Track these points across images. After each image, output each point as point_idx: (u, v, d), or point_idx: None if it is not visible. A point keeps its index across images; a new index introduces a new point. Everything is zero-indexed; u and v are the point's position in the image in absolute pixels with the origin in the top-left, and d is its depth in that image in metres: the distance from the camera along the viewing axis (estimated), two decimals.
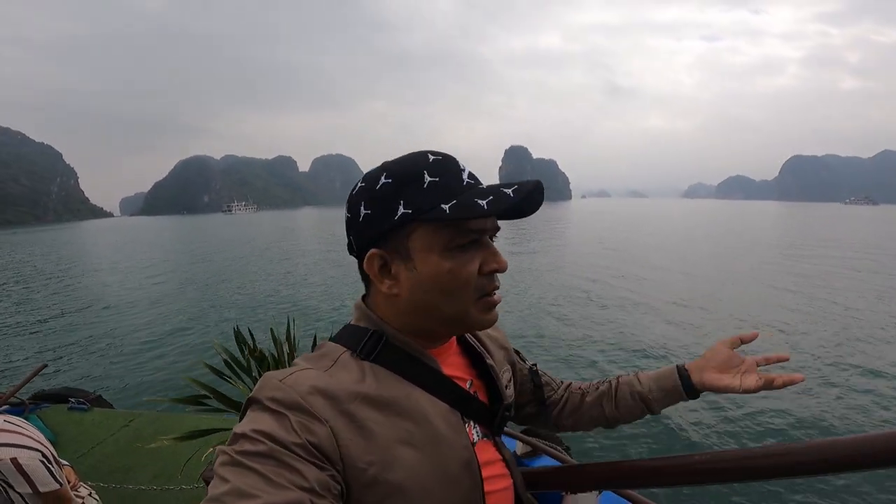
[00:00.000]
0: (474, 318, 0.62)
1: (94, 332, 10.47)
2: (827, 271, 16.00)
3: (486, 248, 0.61)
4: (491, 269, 0.61)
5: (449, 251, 0.58)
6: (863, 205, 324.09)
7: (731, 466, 0.65)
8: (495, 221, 0.63)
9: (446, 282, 0.59)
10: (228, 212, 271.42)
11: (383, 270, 0.62)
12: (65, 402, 3.83)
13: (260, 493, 0.45)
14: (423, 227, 0.58)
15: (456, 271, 0.59)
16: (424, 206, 0.57)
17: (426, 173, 0.59)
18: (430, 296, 0.60)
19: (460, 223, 0.58)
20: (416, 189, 0.58)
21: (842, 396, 5.97)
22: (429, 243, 0.59)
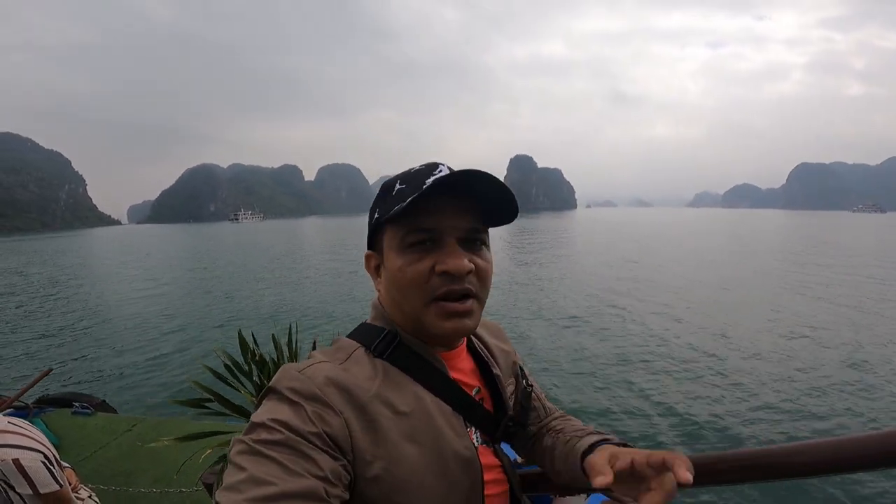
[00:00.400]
0: (430, 322, 0.62)
1: (100, 338, 10.53)
2: (839, 280, 15.87)
3: (443, 248, 0.61)
4: (440, 270, 0.60)
5: (402, 249, 0.62)
6: (871, 212, 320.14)
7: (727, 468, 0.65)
8: (462, 222, 0.62)
9: (398, 279, 0.62)
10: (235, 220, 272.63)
11: (377, 270, 0.69)
12: (69, 407, 3.88)
13: (276, 480, 0.47)
14: (389, 228, 0.64)
15: (404, 268, 0.61)
16: (387, 209, 0.63)
17: (398, 182, 0.65)
18: (393, 293, 0.64)
19: (413, 222, 0.61)
20: (388, 197, 0.64)
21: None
22: (390, 242, 0.64)
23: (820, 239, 36.10)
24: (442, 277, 0.60)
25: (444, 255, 0.60)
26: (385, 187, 0.67)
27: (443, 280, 0.60)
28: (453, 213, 0.62)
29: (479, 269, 0.63)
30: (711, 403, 5.94)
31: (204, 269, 24.48)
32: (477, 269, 0.63)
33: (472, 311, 0.63)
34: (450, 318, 0.62)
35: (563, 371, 7.32)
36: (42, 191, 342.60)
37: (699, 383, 6.63)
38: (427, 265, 0.61)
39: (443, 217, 0.61)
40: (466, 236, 0.63)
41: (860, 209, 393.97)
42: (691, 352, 8.10)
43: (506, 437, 0.73)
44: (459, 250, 0.61)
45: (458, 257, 0.60)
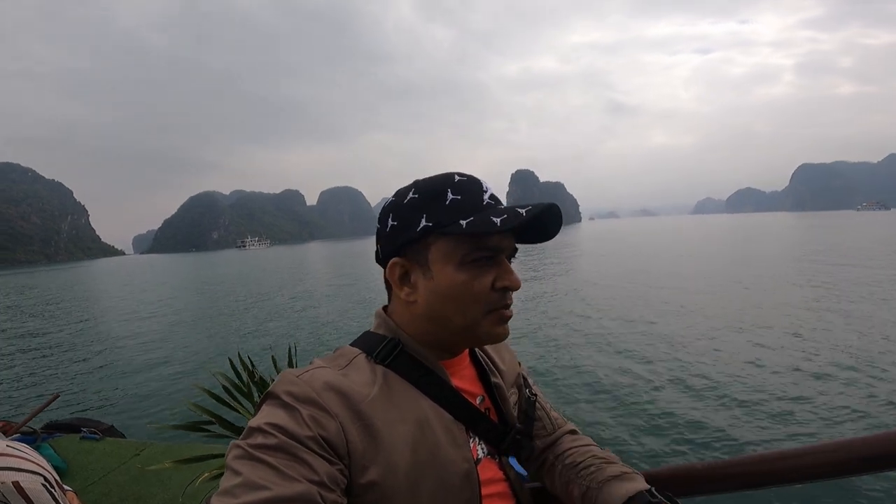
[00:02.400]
0: (485, 330, 0.64)
1: (107, 364, 10.63)
2: (842, 279, 15.88)
3: (501, 265, 0.64)
4: (503, 286, 0.63)
5: (464, 264, 0.62)
6: (875, 210, 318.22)
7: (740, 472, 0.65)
8: (512, 242, 0.66)
9: (459, 293, 0.62)
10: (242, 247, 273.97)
11: (403, 279, 0.66)
12: (77, 432, 3.96)
13: (271, 485, 0.47)
14: (442, 239, 0.63)
15: (469, 283, 0.62)
16: (444, 220, 0.62)
17: (450, 191, 0.63)
18: (444, 305, 0.63)
19: (477, 239, 0.62)
20: (439, 205, 0.63)
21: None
22: (446, 255, 0.63)
23: (828, 242, 35.94)
24: (500, 293, 0.64)
25: (504, 273, 0.64)
26: (431, 192, 0.64)
27: (501, 295, 0.64)
28: (508, 233, 0.65)
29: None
30: (720, 411, 5.98)
31: (211, 297, 24.63)
32: None
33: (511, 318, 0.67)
34: (503, 324, 0.65)
35: (576, 383, 7.37)
36: (44, 222, 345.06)
37: (713, 394, 6.67)
38: (489, 280, 0.63)
39: (502, 237, 0.64)
40: (511, 255, 0.67)
41: (864, 207, 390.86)
42: (710, 365, 8.15)
43: (513, 450, 0.71)
44: (511, 268, 0.65)
45: (514, 274, 0.64)
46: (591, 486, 0.70)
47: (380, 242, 0.69)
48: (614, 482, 0.67)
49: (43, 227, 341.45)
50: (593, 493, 0.69)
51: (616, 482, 0.67)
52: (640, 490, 0.65)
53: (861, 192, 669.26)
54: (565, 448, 0.80)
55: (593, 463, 0.73)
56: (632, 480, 0.67)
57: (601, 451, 0.78)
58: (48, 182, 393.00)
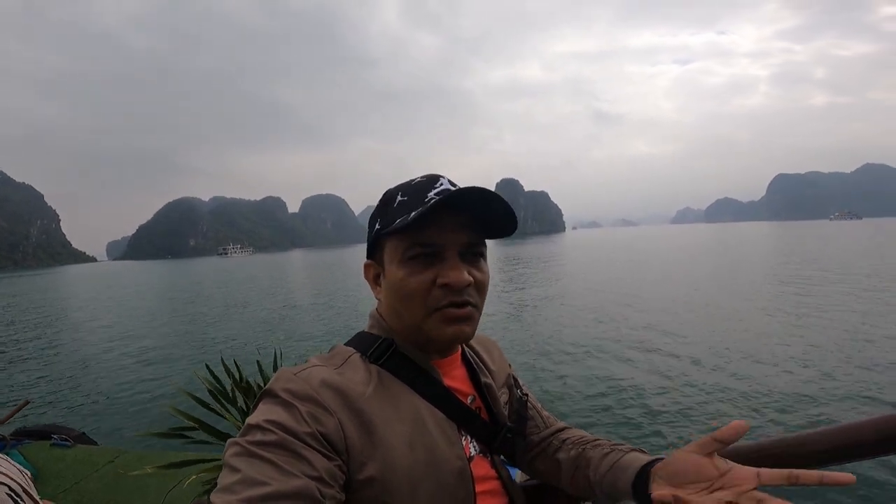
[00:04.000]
0: (431, 328, 0.64)
1: (79, 371, 10.31)
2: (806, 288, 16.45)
3: (445, 262, 0.63)
4: (443, 282, 0.62)
5: (404, 262, 0.63)
6: (847, 220, 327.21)
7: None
8: (462, 237, 0.64)
9: (399, 289, 0.64)
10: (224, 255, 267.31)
11: (376, 280, 0.70)
12: (48, 439, 3.83)
13: (270, 480, 0.47)
14: (389, 239, 0.65)
15: (407, 280, 0.63)
16: (388, 222, 0.65)
17: (400, 194, 0.66)
18: (394, 302, 0.66)
19: (414, 235, 0.62)
20: (389, 208, 0.66)
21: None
22: (391, 254, 0.65)
23: (801, 250, 37.20)
24: (443, 290, 0.62)
25: (446, 269, 0.62)
26: (386, 198, 0.68)
27: (444, 292, 0.62)
28: (454, 227, 0.63)
29: (477, 282, 0.65)
30: (701, 409, 6.11)
31: (188, 305, 24.04)
32: (475, 281, 0.65)
33: (471, 317, 0.65)
34: (451, 323, 0.63)
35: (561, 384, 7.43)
36: (12, 226, 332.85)
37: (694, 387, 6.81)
38: (429, 277, 0.62)
39: (444, 231, 0.63)
40: (466, 250, 0.65)
41: (837, 217, 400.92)
42: (695, 364, 8.31)
43: (504, 448, 0.72)
44: (460, 263, 0.63)
45: (458, 271, 0.62)
46: (607, 453, 0.70)
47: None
48: (635, 453, 0.68)
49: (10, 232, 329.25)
50: (614, 456, 0.68)
51: (636, 453, 0.68)
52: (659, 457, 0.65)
53: (834, 202, 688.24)
54: (568, 436, 0.81)
55: (602, 441, 0.75)
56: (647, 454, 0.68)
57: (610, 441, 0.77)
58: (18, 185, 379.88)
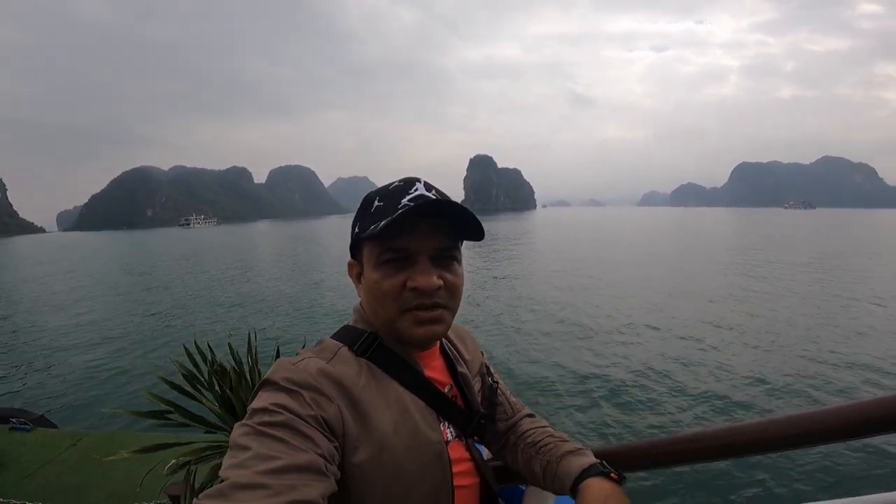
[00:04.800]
0: (403, 328, 0.68)
1: (34, 352, 9.91)
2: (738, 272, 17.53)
3: (416, 266, 0.66)
4: (412, 286, 0.66)
5: (378, 265, 0.67)
6: (800, 209, 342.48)
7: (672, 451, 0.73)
8: (433, 242, 0.67)
9: (373, 291, 0.68)
10: (186, 226, 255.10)
11: (358, 279, 0.74)
12: (6, 423, 3.70)
13: (281, 455, 0.51)
14: (367, 243, 0.69)
15: (380, 283, 0.67)
16: (365, 226, 0.69)
17: (377, 199, 0.70)
18: (370, 302, 0.71)
19: (387, 241, 0.66)
20: (368, 213, 0.70)
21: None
22: (367, 257, 0.70)
23: (751, 234, 39.31)
24: (413, 292, 0.66)
25: (416, 273, 0.65)
26: (365, 202, 0.72)
27: (414, 295, 0.66)
28: (426, 232, 0.67)
29: (448, 285, 0.68)
30: (658, 394, 6.47)
31: (142, 280, 23.10)
32: (446, 284, 0.68)
33: (441, 319, 0.68)
34: (421, 325, 0.67)
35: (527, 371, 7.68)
36: None
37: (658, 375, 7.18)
38: (400, 281, 0.66)
39: (415, 237, 0.66)
40: (437, 254, 0.68)
41: (791, 206, 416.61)
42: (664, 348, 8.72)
43: (477, 432, 0.78)
44: (430, 268, 0.66)
45: (428, 275, 0.65)
46: (550, 460, 0.76)
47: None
48: (570, 457, 0.74)
49: None
50: (553, 466, 0.75)
51: (572, 457, 0.74)
52: (593, 462, 0.72)
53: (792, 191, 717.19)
54: (525, 429, 0.86)
55: (550, 441, 0.80)
56: (584, 455, 0.74)
57: (556, 432, 0.84)
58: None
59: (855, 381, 6.94)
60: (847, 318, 10.93)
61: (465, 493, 0.73)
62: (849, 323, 10.42)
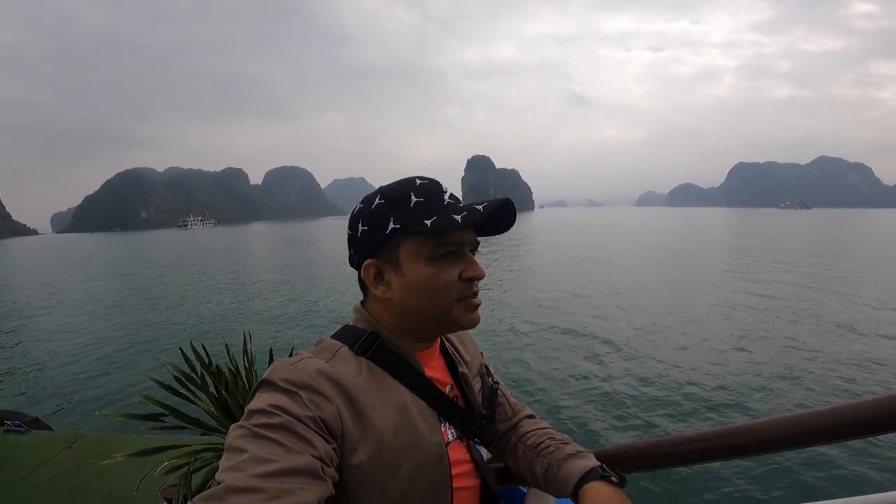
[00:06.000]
0: (458, 317, 0.70)
1: (28, 355, 9.84)
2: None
3: (465, 258, 0.70)
4: (468, 276, 0.69)
5: (432, 260, 0.68)
6: (796, 209, 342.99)
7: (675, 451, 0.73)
8: (473, 236, 0.72)
9: (430, 285, 0.68)
10: (184, 227, 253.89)
11: (378, 278, 0.72)
12: (0, 425, 3.66)
13: (278, 458, 0.50)
14: (410, 239, 0.68)
15: (438, 276, 0.68)
16: (410, 221, 0.68)
17: (413, 194, 0.69)
18: (417, 298, 0.69)
19: (440, 236, 0.68)
20: (405, 208, 0.68)
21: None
22: (414, 253, 0.68)
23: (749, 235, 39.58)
24: (468, 282, 0.70)
25: (469, 264, 0.70)
26: (396, 198, 0.70)
27: (468, 284, 0.70)
28: (467, 229, 0.71)
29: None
30: (660, 394, 6.50)
31: (134, 281, 22.97)
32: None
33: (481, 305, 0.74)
34: (473, 311, 0.71)
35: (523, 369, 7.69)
36: None
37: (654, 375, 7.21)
38: (457, 272, 0.69)
39: (462, 231, 0.70)
40: (474, 247, 0.73)
41: (787, 206, 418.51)
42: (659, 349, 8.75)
43: (478, 434, 0.78)
44: (475, 259, 0.72)
45: (478, 266, 0.71)
46: (551, 463, 0.77)
47: (352, 248, 0.74)
48: (571, 460, 0.74)
49: None
50: (553, 469, 0.75)
51: (572, 460, 0.74)
52: (593, 466, 0.72)
53: (789, 192, 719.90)
54: (525, 431, 0.86)
55: (551, 443, 0.80)
56: (585, 458, 0.74)
57: (557, 434, 0.84)
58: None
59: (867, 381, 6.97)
60: (853, 317, 10.93)
61: (466, 494, 0.73)
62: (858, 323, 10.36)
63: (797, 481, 4.42)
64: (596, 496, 0.67)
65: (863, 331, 9.63)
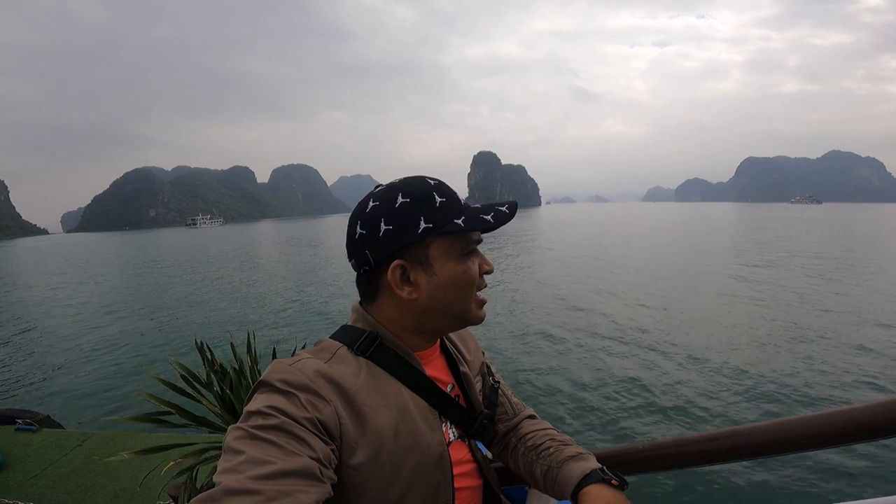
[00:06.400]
0: (473, 312, 0.72)
1: (39, 353, 9.95)
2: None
3: (478, 254, 0.73)
4: (485, 270, 0.73)
5: (462, 256, 0.70)
6: (808, 204, 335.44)
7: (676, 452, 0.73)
8: (478, 233, 0.73)
9: (461, 282, 0.70)
10: (193, 225, 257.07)
11: (403, 278, 0.69)
12: (12, 424, 3.74)
13: (275, 459, 0.50)
14: (441, 238, 0.68)
15: (468, 272, 0.70)
16: (441, 221, 0.68)
17: (436, 194, 0.69)
18: (447, 295, 0.69)
19: (467, 234, 0.70)
20: (432, 207, 0.68)
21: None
22: (446, 251, 0.69)
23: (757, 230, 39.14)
24: (484, 276, 0.73)
25: (483, 259, 0.73)
26: (422, 197, 0.68)
27: (484, 278, 0.74)
28: None
29: None
30: (662, 396, 6.47)
31: (145, 280, 23.22)
32: None
33: None
34: (482, 306, 0.74)
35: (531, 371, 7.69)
36: None
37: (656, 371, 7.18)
38: (478, 267, 0.72)
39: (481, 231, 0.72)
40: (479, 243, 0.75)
41: (797, 201, 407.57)
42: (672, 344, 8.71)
43: (479, 433, 0.78)
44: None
45: (488, 259, 0.74)
46: (551, 465, 0.76)
47: (366, 247, 0.69)
48: (571, 462, 0.74)
49: None
50: (553, 472, 0.75)
51: (573, 462, 0.74)
52: (594, 468, 0.71)
53: (799, 187, 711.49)
54: (526, 432, 0.85)
55: (551, 445, 0.79)
56: (586, 460, 0.74)
57: (558, 434, 0.83)
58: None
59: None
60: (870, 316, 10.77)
61: (467, 494, 0.73)
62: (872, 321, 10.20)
63: (801, 484, 4.37)
64: (595, 499, 0.66)
65: None
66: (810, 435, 0.58)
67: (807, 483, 4.39)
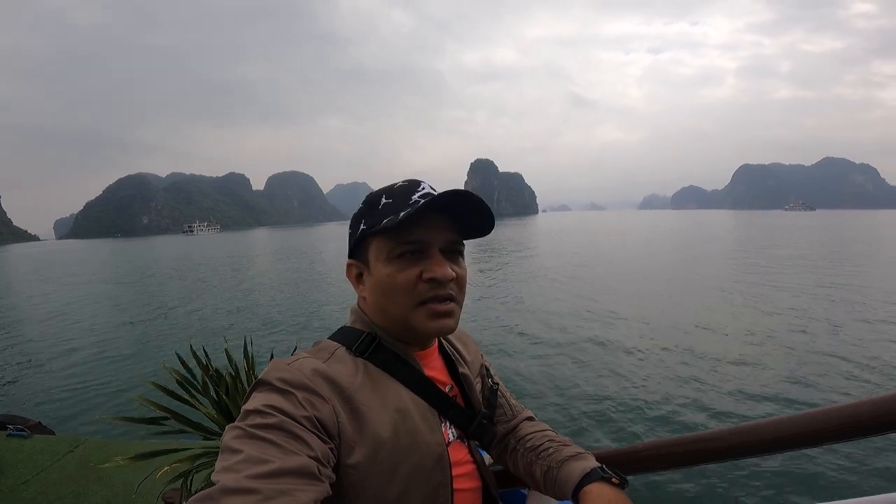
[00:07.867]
0: (418, 323, 0.68)
1: (30, 359, 9.87)
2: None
3: (431, 258, 0.67)
4: (428, 277, 0.66)
5: (390, 259, 0.67)
6: (801, 210, 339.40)
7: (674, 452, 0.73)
8: (447, 235, 0.69)
9: (387, 285, 0.68)
10: (190, 232, 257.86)
11: (358, 278, 0.74)
12: (3, 430, 3.70)
13: (273, 458, 0.50)
14: (374, 239, 0.69)
15: (395, 276, 0.67)
16: (375, 222, 0.69)
17: (384, 197, 0.70)
18: (380, 297, 0.69)
19: (400, 234, 0.67)
20: (374, 210, 0.70)
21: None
22: (377, 252, 0.69)
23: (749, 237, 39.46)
24: (429, 284, 0.67)
25: (431, 264, 0.67)
26: (370, 201, 0.71)
27: (429, 286, 0.67)
28: (437, 226, 0.68)
29: (458, 277, 0.70)
30: (659, 397, 6.49)
31: (136, 286, 23.06)
32: (457, 276, 0.70)
33: (452, 312, 0.69)
34: (435, 318, 0.68)
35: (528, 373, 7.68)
36: None
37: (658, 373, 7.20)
38: (415, 273, 0.66)
39: (428, 230, 0.68)
40: (448, 248, 0.69)
41: (791, 208, 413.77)
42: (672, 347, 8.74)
43: (478, 434, 0.77)
44: (443, 260, 0.68)
45: (442, 266, 0.67)
46: (550, 465, 0.76)
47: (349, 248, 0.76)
48: (571, 462, 0.74)
49: None
50: (553, 471, 0.75)
51: (572, 461, 0.73)
52: (594, 467, 0.71)
53: (793, 194, 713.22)
54: (525, 433, 0.85)
55: (551, 446, 0.79)
56: (585, 459, 0.73)
57: (557, 436, 0.83)
58: None
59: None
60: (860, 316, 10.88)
61: (466, 496, 0.72)
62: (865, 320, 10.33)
63: (799, 482, 4.40)
64: (596, 498, 0.66)
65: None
66: (806, 433, 0.59)
67: (804, 480, 4.43)
